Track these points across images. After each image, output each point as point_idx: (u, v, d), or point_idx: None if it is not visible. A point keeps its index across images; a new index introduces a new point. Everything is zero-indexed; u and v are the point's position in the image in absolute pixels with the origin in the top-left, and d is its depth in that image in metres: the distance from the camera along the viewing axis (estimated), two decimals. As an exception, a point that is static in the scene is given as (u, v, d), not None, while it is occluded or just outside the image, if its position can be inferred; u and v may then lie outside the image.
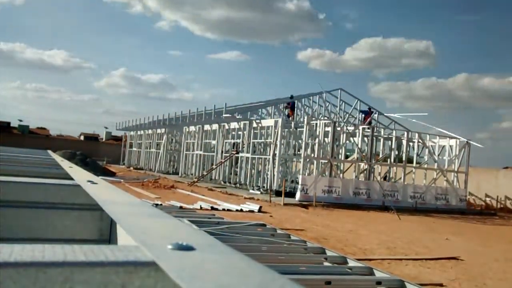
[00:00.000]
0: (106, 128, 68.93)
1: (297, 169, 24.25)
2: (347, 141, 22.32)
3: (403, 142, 22.80)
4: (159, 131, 37.73)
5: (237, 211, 14.30)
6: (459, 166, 23.50)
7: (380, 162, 23.30)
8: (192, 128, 30.86)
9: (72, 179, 2.17)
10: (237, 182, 24.57)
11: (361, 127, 22.12)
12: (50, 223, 1.56)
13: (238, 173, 24.87)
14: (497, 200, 25.04)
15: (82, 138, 68.10)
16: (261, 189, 21.80)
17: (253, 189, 22.20)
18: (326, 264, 5.57)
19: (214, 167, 26.26)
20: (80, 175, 2.45)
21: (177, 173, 32.74)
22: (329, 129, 20.29)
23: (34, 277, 0.62)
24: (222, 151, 26.63)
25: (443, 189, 22.51)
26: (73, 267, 0.64)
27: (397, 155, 23.46)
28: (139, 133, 43.17)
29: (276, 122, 22.05)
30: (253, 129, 23.91)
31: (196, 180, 24.97)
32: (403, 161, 22.53)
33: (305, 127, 20.05)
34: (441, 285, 6.77)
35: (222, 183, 25.40)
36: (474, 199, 26.15)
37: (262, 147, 24.93)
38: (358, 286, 4.80)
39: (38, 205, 1.58)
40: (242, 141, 25.10)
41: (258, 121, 24.07)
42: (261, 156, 23.49)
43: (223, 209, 14.03)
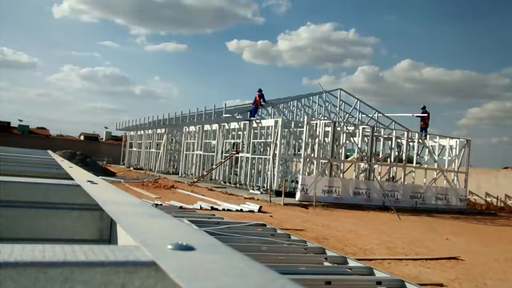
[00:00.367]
0: (106, 128, 69.11)
1: (297, 169, 24.25)
2: (347, 141, 22.31)
3: (403, 142, 22.80)
4: (159, 131, 37.74)
5: (237, 211, 14.30)
6: (459, 166, 23.51)
7: (380, 162, 23.31)
8: (192, 128, 30.87)
9: (72, 179, 2.17)
10: (237, 182, 24.57)
11: (361, 127, 22.11)
12: (50, 223, 1.56)
13: (238, 173, 24.87)
14: (497, 199, 25.05)
15: (82, 138, 68.19)
16: (261, 189, 21.79)
17: (253, 189, 22.20)
18: (326, 264, 5.57)
19: (214, 167, 26.25)
20: (80, 175, 2.45)
21: (177, 173, 32.74)
22: (329, 129, 20.29)
23: (34, 277, 0.62)
24: (222, 151, 26.63)
25: (443, 189, 22.51)
26: (73, 267, 0.64)
27: (397, 155, 23.45)
28: (139, 133, 43.18)
29: (276, 122, 22.05)
30: (253, 129, 23.91)
31: (196, 180, 24.97)
32: (403, 161, 22.54)
33: (305, 127, 20.04)
34: (441, 285, 6.77)
35: (222, 183, 25.40)
36: (475, 199, 26.16)
37: (262, 147, 24.94)
38: (358, 286, 4.80)
39: (38, 205, 1.58)
40: (242, 141, 25.10)
41: (258, 121, 24.07)
42: (261, 156, 23.48)
43: (223, 209, 14.03)
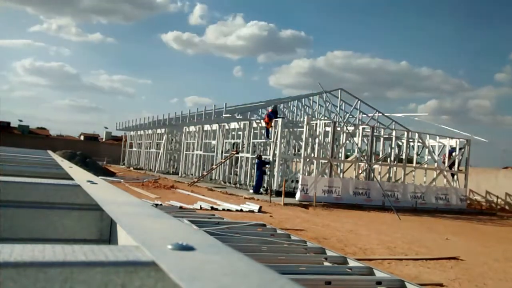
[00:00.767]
0: (106, 128, 69.15)
1: (297, 169, 24.24)
2: (347, 141, 22.31)
3: (403, 142, 22.80)
4: (159, 131, 37.74)
5: (237, 211, 14.29)
6: (459, 165, 23.51)
7: (380, 162, 23.30)
8: (192, 128, 30.86)
9: (72, 179, 2.17)
10: (237, 182, 24.56)
11: (361, 127, 22.11)
12: (50, 223, 1.56)
13: (238, 173, 24.87)
14: (497, 199, 25.05)
15: (82, 138, 68.20)
16: (261, 189, 21.78)
17: (253, 189, 22.18)
18: (326, 264, 5.57)
19: (214, 167, 26.25)
20: (80, 175, 2.45)
21: (177, 173, 32.73)
22: (329, 129, 20.29)
23: (34, 277, 0.62)
24: (222, 151, 26.63)
25: (443, 189, 22.50)
26: (73, 267, 0.64)
27: (397, 155, 23.45)
28: (139, 133, 43.18)
29: (276, 122, 22.05)
30: (253, 129, 23.90)
31: (196, 180, 24.96)
32: (403, 161, 22.53)
33: (305, 127, 20.04)
34: (441, 285, 6.77)
35: (222, 183, 25.40)
36: (475, 199, 26.14)
37: (262, 147, 24.93)
38: (358, 286, 4.80)
39: (38, 205, 1.58)
40: (242, 141, 25.09)
41: (258, 121, 24.06)
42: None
43: (223, 209, 14.02)
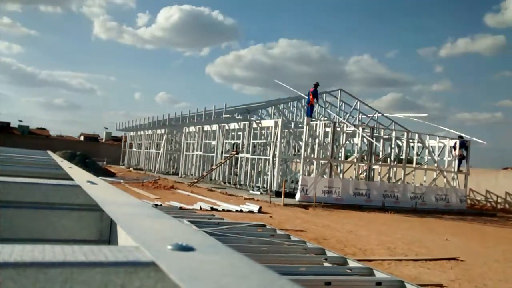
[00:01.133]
0: (106, 128, 69.14)
1: (297, 169, 24.23)
2: (347, 142, 22.30)
3: (403, 142, 22.80)
4: (159, 131, 37.74)
5: (237, 211, 14.29)
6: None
7: (380, 162, 23.29)
8: (192, 128, 30.86)
9: (72, 179, 2.17)
10: (237, 182, 24.56)
11: (361, 128, 22.11)
12: (50, 223, 1.56)
13: (238, 174, 24.87)
14: (497, 198, 25.05)
15: (82, 138, 68.18)
16: (261, 190, 21.78)
17: (253, 190, 22.19)
18: (326, 264, 5.57)
19: (214, 167, 26.25)
20: (80, 176, 2.45)
21: (177, 174, 32.73)
22: (329, 129, 20.29)
23: (34, 277, 0.62)
24: (222, 152, 26.63)
25: (443, 189, 22.50)
26: (73, 267, 0.64)
27: (397, 155, 23.44)
28: (139, 133, 43.18)
29: (276, 122, 22.05)
30: (253, 130, 23.91)
31: (196, 180, 24.96)
32: (403, 161, 22.53)
33: (305, 127, 20.04)
34: (441, 285, 6.77)
35: (222, 183, 25.40)
36: (475, 198, 26.14)
37: (262, 147, 24.94)
38: (358, 286, 4.80)
39: (38, 205, 1.58)
40: (242, 142, 25.09)
41: (258, 122, 24.07)
42: (261, 156, 23.48)
43: (223, 210, 14.02)
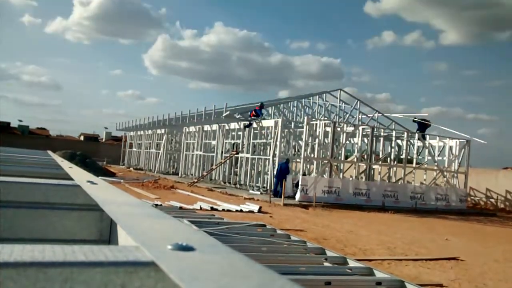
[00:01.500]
0: (106, 128, 69.14)
1: (297, 169, 24.23)
2: (347, 141, 22.31)
3: (403, 142, 22.81)
4: (159, 131, 37.74)
5: (237, 211, 14.29)
6: (459, 166, 23.51)
7: (380, 162, 23.31)
8: (192, 128, 30.86)
9: (72, 179, 2.17)
10: (237, 182, 24.56)
11: (361, 128, 22.12)
12: (50, 223, 1.56)
13: (238, 174, 24.86)
14: (497, 196, 25.06)
15: (82, 138, 68.18)
16: (261, 190, 21.78)
17: (253, 190, 22.18)
18: (326, 264, 5.57)
19: (214, 167, 26.24)
20: (80, 176, 2.45)
21: (177, 174, 32.73)
22: (329, 129, 20.29)
23: (34, 277, 0.62)
24: (222, 152, 26.63)
25: (443, 189, 22.51)
26: (73, 267, 0.64)
27: (397, 155, 23.45)
28: (139, 133, 43.18)
29: (276, 122, 22.05)
30: (253, 129, 23.90)
31: (196, 180, 24.96)
32: (403, 161, 22.54)
33: (305, 127, 20.04)
34: (441, 285, 6.77)
35: (222, 183, 25.39)
36: (475, 197, 26.14)
37: (262, 147, 24.93)
38: (358, 286, 4.80)
39: (38, 205, 1.58)
40: (242, 142, 25.09)
41: (258, 122, 24.06)
42: (261, 156, 23.48)
43: (223, 210, 14.02)
